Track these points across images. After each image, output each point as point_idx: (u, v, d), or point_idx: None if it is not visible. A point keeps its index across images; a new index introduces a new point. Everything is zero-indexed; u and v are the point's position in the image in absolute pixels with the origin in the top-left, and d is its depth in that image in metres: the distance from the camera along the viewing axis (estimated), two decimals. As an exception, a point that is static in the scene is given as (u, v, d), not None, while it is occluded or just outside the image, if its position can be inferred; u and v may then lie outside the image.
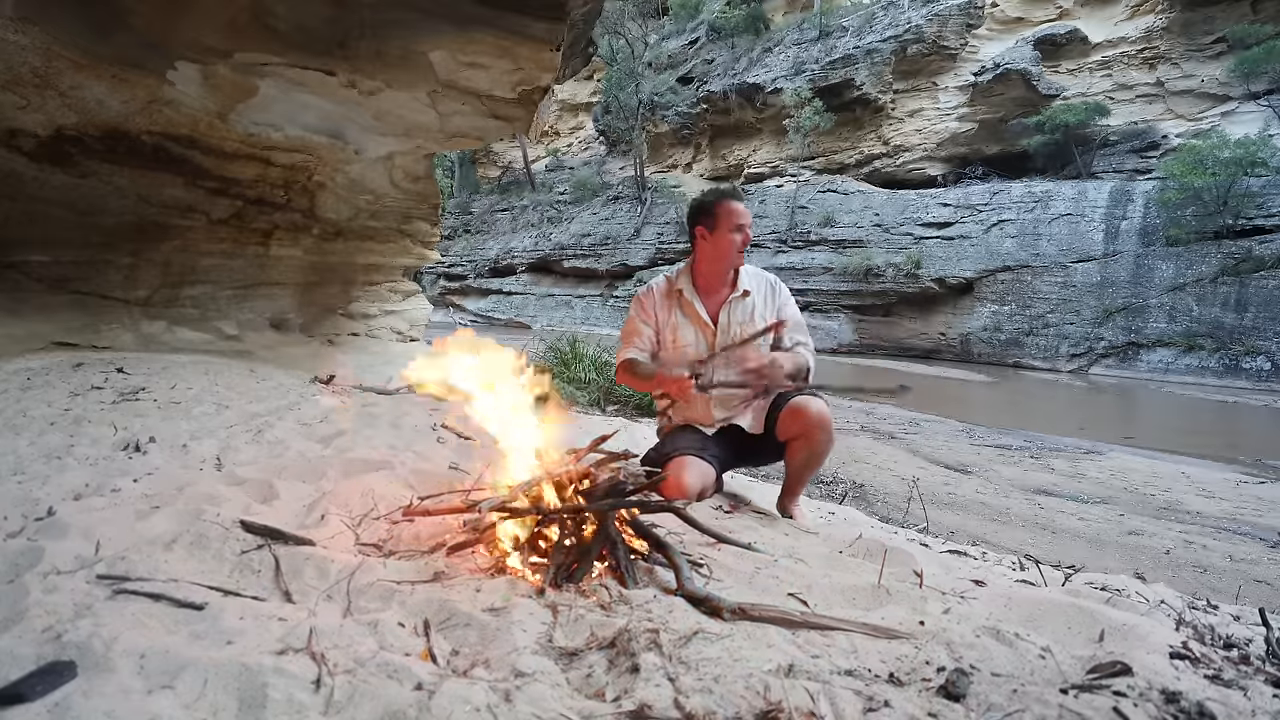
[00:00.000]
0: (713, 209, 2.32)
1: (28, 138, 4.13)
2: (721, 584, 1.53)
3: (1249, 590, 3.13)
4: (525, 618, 1.25)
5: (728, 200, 2.31)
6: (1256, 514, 5.01)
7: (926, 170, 22.69)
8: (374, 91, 4.54)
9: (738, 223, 2.28)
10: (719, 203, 2.33)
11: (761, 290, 2.39)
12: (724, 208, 2.30)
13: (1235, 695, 1.10)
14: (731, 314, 2.34)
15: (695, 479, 2.20)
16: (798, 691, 1.03)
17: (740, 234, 2.29)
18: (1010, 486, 5.55)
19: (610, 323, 24.57)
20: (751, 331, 2.31)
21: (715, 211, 2.31)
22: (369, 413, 3.63)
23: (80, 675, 0.97)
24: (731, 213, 2.29)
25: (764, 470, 4.01)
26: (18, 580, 1.25)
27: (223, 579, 1.36)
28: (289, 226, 5.90)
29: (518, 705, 0.96)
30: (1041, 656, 1.20)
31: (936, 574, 1.77)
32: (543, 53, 4.48)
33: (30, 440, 2.52)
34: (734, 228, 2.28)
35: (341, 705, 0.97)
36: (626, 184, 28.88)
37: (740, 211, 2.30)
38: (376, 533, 1.72)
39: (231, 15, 3.76)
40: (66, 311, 4.86)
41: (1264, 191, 15.75)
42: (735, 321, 2.33)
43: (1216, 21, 18.55)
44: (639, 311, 2.40)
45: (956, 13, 21.39)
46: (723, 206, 2.31)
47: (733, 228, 2.28)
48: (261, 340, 5.93)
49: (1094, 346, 17.13)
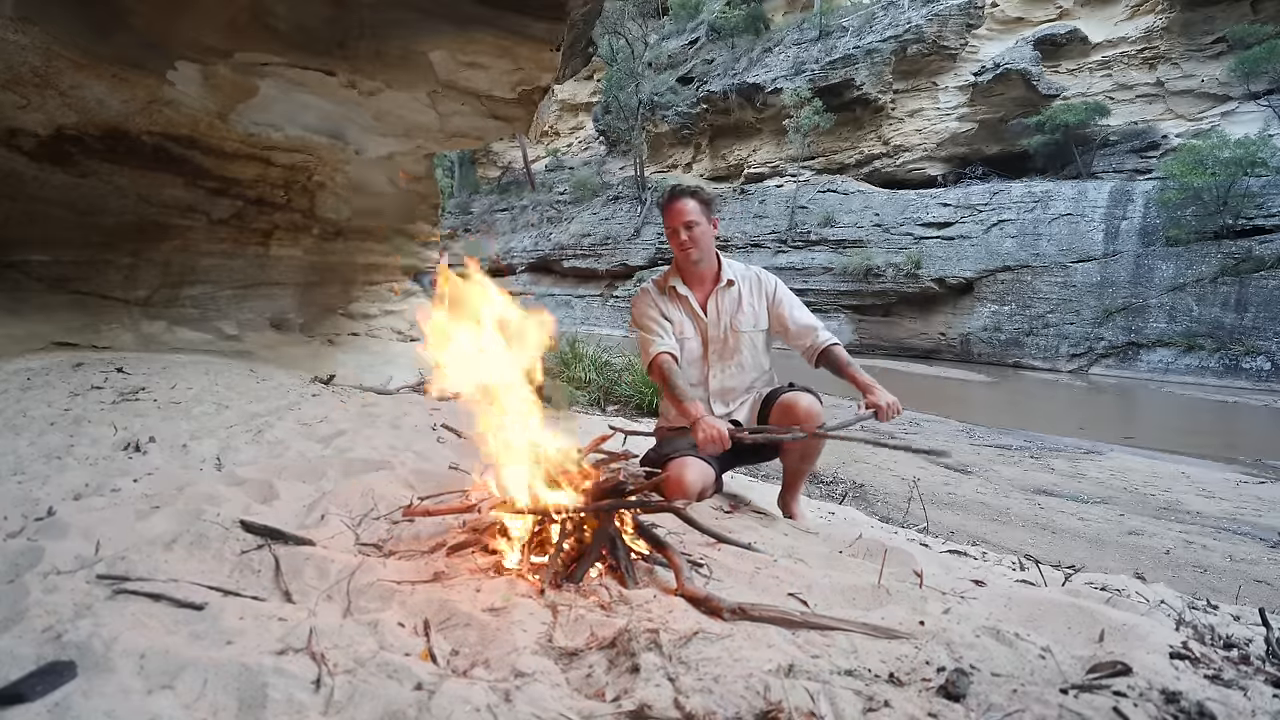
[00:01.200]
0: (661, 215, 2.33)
1: (28, 137, 4.13)
2: (721, 584, 1.53)
3: (1249, 590, 3.13)
4: (525, 618, 1.25)
5: (664, 204, 2.30)
6: (1256, 514, 5.01)
7: (926, 170, 22.68)
8: (374, 91, 4.54)
9: (670, 225, 2.28)
10: (660, 208, 2.33)
11: (747, 281, 2.38)
12: (663, 216, 2.30)
13: (1235, 695, 1.10)
14: (720, 304, 2.33)
15: (696, 479, 2.20)
16: (798, 691, 1.03)
17: (674, 237, 2.27)
18: (1010, 486, 5.55)
19: (610, 323, 24.55)
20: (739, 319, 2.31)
21: (662, 218, 2.32)
22: (369, 413, 3.63)
23: (80, 675, 0.97)
24: (666, 221, 2.29)
25: (764, 470, 4.01)
26: (18, 580, 1.25)
27: (223, 579, 1.36)
28: (289, 226, 5.90)
29: (518, 705, 0.96)
30: (1041, 656, 1.20)
31: (936, 574, 1.77)
32: (543, 53, 4.48)
33: (30, 440, 2.52)
34: (669, 231, 2.28)
35: (341, 705, 0.97)
36: (626, 184, 28.87)
37: (670, 213, 2.27)
38: (376, 533, 1.72)
39: (231, 15, 3.76)
40: (66, 311, 4.86)
41: (1264, 191, 15.74)
42: (724, 311, 2.33)
43: (1216, 21, 18.54)
44: (645, 305, 2.37)
45: (956, 13, 21.38)
46: (662, 214, 2.31)
47: (670, 233, 2.29)
48: (261, 340, 5.93)
49: (1094, 346, 17.13)
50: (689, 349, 2.33)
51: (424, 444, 3.06)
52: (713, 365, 2.34)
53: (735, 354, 2.34)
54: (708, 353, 2.33)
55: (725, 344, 2.33)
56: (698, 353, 2.34)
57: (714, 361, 2.34)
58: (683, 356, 2.32)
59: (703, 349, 2.34)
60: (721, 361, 2.34)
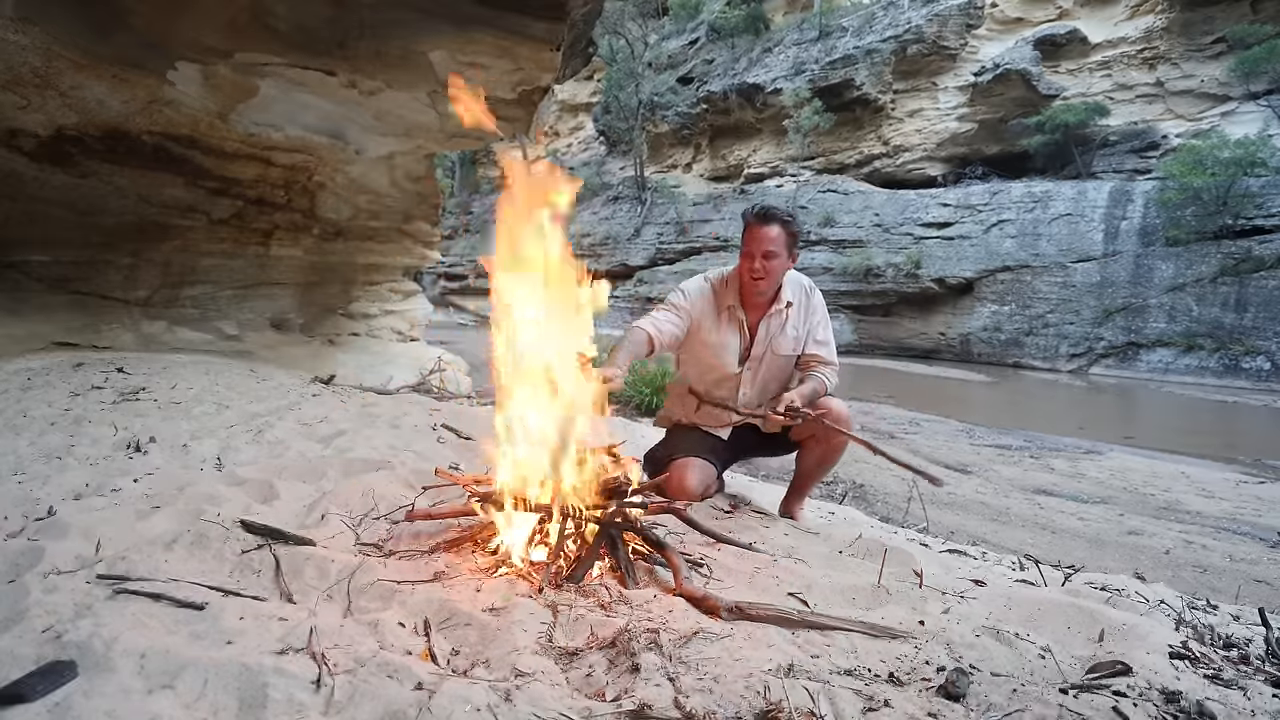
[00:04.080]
0: (743, 226, 2.21)
1: (28, 138, 4.13)
2: (722, 584, 1.53)
3: (1249, 590, 3.13)
4: (525, 617, 1.25)
5: (751, 221, 2.17)
6: (1256, 514, 5.01)
7: (926, 170, 22.67)
8: (374, 91, 4.54)
9: (747, 248, 2.16)
10: (745, 222, 2.20)
11: (799, 301, 2.29)
12: (745, 230, 2.19)
13: (1235, 695, 1.10)
14: (769, 326, 2.27)
15: (698, 480, 2.20)
16: (798, 691, 1.03)
17: (748, 260, 2.15)
18: (1010, 486, 5.55)
19: (610, 323, 24.53)
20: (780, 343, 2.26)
21: (744, 230, 2.20)
22: (369, 413, 3.63)
23: (80, 675, 0.97)
24: (746, 238, 2.18)
25: (764, 470, 4.02)
26: (18, 580, 1.25)
27: (223, 579, 1.36)
28: (289, 226, 5.90)
29: (518, 705, 0.97)
30: (1041, 656, 1.20)
31: (936, 574, 1.77)
32: (543, 53, 4.48)
33: (30, 440, 2.52)
34: (745, 254, 2.18)
35: (342, 705, 0.97)
36: (626, 184, 28.85)
37: (753, 236, 2.14)
38: (377, 533, 1.72)
39: (231, 15, 3.76)
40: (67, 311, 4.86)
41: (1264, 191, 15.73)
42: (771, 333, 2.27)
43: (1216, 21, 18.52)
44: (679, 298, 2.29)
45: (956, 13, 21.37)
46: (745, 228, 2.19)
47: (744, 253, 2.18)
48: (262, 340, 5.93)
49: (1094, 346, 17.12)
50: (722, 362, 2.29)
51: (424, 444, 3.05)
52: (745, 381, 2.31)
53: (768, 372, 2.31)
54: (742, 370, 2.30)
55: (761, 362, 2.30)
56: (733, 369, 2.30)
57: (747, 378, 2.30)
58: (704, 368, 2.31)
59: (740, 365, 2.30)
60: (754, 376, 2.31)
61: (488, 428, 1.96)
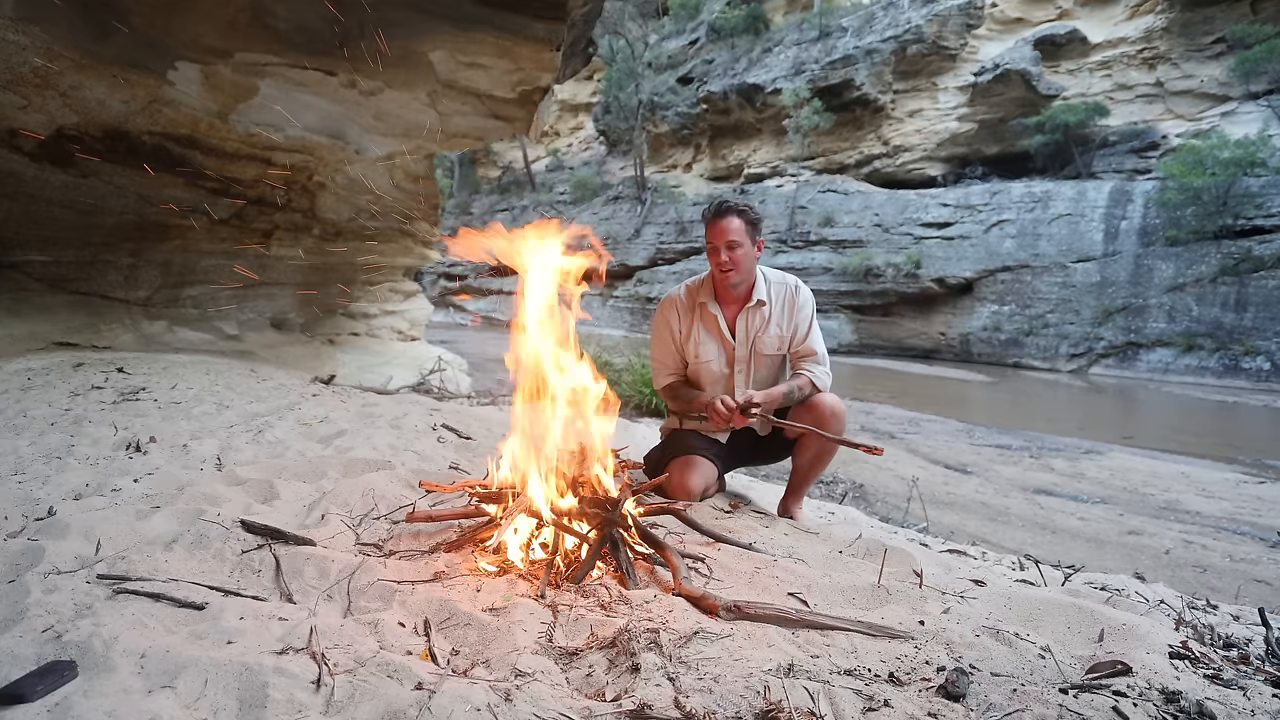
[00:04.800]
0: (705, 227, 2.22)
1: (28, 138, 4.13)
2: (722, 584, 1.53)
3: (1249, 590, 3.13)
4: (525, 617, 1.25)
5: (709, 217, 2.19)
6: (1256, 514, 5.01)
7: (926, 170, 22.68)
8: (374, 91, 4.54)
9: (711, 243, 2.18)
10: (705, 220, 2.22)
11: (781, 298, 2.28)
12: (706, 229, 2.20)
13: (1235, 695, 1.10)
14: (748, 324, 2.26)
15: (698, 480, 2.20)
16: (798, 691, 1.03)
17: (714, 255, 2.17)
18: (1010, 486, 5.55)
19: (610, 323, 24.55)
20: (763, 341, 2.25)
21: (705, 230, 2.22)
22: (369, 413, 3.63)
23: (80, 675, 0.97)
24: (709, 235, 2.19)
25: (764, 470, 4.02)
26: (18, 580, 1.25)
27: (223, 579, 1.36)
28: (289, 227, 5.90)
29: (518, 705, 0.97)
30: (1041, 656, 1.20)
31: (936, 574, 1.77)
32: (543, 53, 4.48)
33: (30, 440, 2.52)
34: (710, 250, 2.19)
35: (342, 705, 0.97)
36: (626, 184, 28.87)
37: (713, 229, 2.16)
38: (377, 532, 1.72)
39: (231, 15, 3.76)
40: (67, 311, 4.87)
41: (1264, 191, 15.73)
42: (750, 331, 2.26)
43: (1216, 21, 18.53)
44: (664, 329, 2.32)
45: (956, 13, 21.37)
46: (706, 227, 2.20)
47: (710, 250, 2.19)
48: (262, 340, 5.93)
49: (1094, 346, 17.12)
50: (711, 370, 2.28)
51: (424, 444, 3.06)
52: (737, 384, 2.29)
53: (757, 373, 2.30)
54: (733, 372, 2.29)
55: (748, 364, 2.28)
56: (722, 372, 2.29)
57: (739, 381, 2.29)
58: (704, 379, 2.30)
59: (728, 369, 2.29)
60: (745, 379, 2.30)
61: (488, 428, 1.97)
